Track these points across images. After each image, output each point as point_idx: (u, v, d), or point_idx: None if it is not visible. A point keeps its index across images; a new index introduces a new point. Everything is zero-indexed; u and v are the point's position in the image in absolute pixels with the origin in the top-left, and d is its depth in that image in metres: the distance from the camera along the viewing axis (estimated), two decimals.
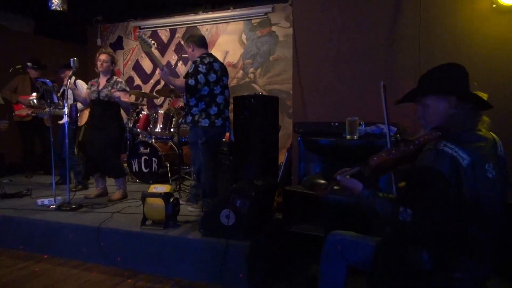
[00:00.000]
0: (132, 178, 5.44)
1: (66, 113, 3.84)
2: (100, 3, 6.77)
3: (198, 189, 3.61)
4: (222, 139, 3.83)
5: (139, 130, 5.46)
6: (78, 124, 4.98)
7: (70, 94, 4.20)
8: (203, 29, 6.90)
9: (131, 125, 5.46)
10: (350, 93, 3.63)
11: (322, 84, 3.79)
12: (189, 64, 3.93)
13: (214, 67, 3.40)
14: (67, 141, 4.01)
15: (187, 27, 7.01)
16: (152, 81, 7.25)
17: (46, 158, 5.32)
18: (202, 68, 3.34)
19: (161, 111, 5.41)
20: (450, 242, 1.43)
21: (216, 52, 6.69)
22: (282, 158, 4.45)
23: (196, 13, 6.85)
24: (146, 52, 3.86)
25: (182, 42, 6.92)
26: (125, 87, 4.13)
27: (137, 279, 2.82)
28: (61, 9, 5.71)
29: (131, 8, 7.04)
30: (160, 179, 5.20)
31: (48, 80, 4.04)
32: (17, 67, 5.42)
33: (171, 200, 3.05)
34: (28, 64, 5.43)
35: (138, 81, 7.42)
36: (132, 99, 6.33)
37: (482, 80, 3.04)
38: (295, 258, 3.08)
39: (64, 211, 3.63)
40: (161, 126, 5.30)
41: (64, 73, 5.05)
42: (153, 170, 5.25)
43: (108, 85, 4.04)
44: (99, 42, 7.45)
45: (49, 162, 4.15)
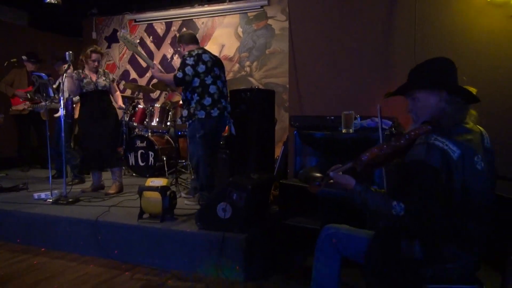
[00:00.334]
0: (129, 172, 5.45)
1: (62, 107, 3.83)
2: None
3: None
4: (222, 132, 3.81)
5: (136, 124, 5.45)
6: (74, 118, 4.97)
7: (66, 86, 4.18)
8: (199, 22, 6.86)
9: (128, 119, 5.45)
10: (346, 87, 3.65)
11: (318, 78, 3.80)
12: None
13: (203, 58, 3.43)
14: (63, 135, 4.00)
15: (183, 20, 6.96)
16: (148, 75, 7.20)
17: (42, 152, 5.32)
18: (190, 61, 3.38)
19: (158, 105, 5.41)
20: (442, 233, 1.46)
21: (212, 46, 6.69)
22: (279, 152, 4.47)
23: (192, 6, 6.80)
24: (133, 52, 3.85)
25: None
26: (114, 77, 4.49)
27: (135, 272, 2.84)
28: (56, 2, 5.67)
29: (127, 1, 6.97)
30: (157, 173, 5.21)
31: (44, 74, 4.03)
32: (12, 61, 5.39)
33: (168, 194, 3.07)
34: (23, 58, 5.40)
35: (134, 75, 7.39)
36: (128, 93, 6.33)
37: (476, 73, 3.10)
38: (291, 251, 3.11)
39: (61, 205, 3.64)
40: (158, 120, 5.30)
41: (59, 68, 5.04)
42: (150, 164, 5.26)
43: (101, 76, 4.18)
44: (94, 35, 7.38)
45: (45, 156, 4.15)
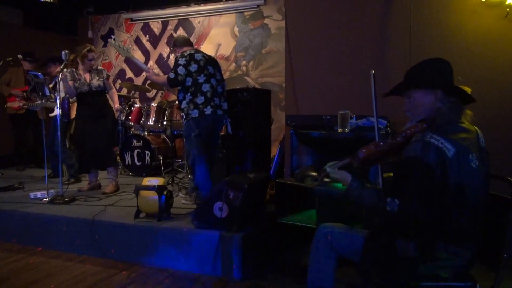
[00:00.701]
0: (125, 171, 5.44)
1: (58, 106, 3.82)
2: None
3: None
4: (219, 131, 3.77)
5: (132, 123, 5.44)
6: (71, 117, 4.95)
7: (62, 87, 4.17)
8: (195, 22, 6.86)
9: (124, 118, 5.44)
10: (342, 86, 3.66)
11: (314, 78, 3.82)
12: None
13: (195, 57, 3.46)
14: (59, 134, 3.99)
15: (179, 19, 6.96)
16: (144, 74, 7.19)
17: (38, 151, 5.30)
18: (182, 61, 3.42)
19: (154, 104, 5.40)
20: (436, 230, 1.48)
21: (209, 45, 6.70)
22: (275, 151, 4.48)
23: (188, 5, 6.80)
24: (126, 57, 3.87)
25: (175, 35, 6.89)
26: (108, 73, 4.31)
27: (131, 271, 2.85)
28: (51, 1, 5.65)
29: (123, 0, 6.97)
30: (153, 172, 5.21)
31: (40, 73, 4.01)
32: (8, 60, 5.35)
33: (165, 193, 3.07)
34: (19, 56, 5.37)
35: (130, 74, 7.37)
36: (124, 92, 6.32)
37: (470, 73, 3.13)
38: (287, 249, 3.13)
39: (57, 204, 3.63)
40: (154, 119, 5.29)
41: (51, 68, 5.01)
42: (146, 163, 5.26)
43: (95, 75, 4.10)
44: (90, 34, 7.35)
45: (41, 155, 4.14)
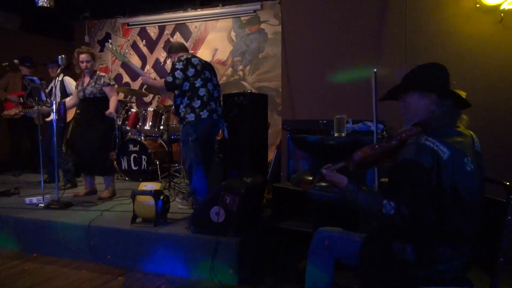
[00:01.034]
0: (121, 176, 5.42)
1: (54, 111, 3.81)
2: None
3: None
4: (215, 135, 3.82)
5: (128, 128, 5.43)
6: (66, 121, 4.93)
7: (58, 92, 4.16)
8: (192, 26, 6.88)
9: (120, 123, 5.43)
10: (338, 91, 3.68)
11: (311, 82, 3.83)
12: None
13: (192, 62, 3.48)
14: (55, 139, 3.98)
15: (176, 24, 6.98)
16: (141, 78, 7.20)
17: (34, 156, 5.27)
18: (179, 65, 3.44)
19: (151, 109, 5.39)
20: (432, 234, 1.48)
21: (205, 50, 6.72)
22: (272, 155, 4.49)
23: (185, 10, 6.83)
24: (123, 62, 3.85)
25: (171, 40, 6.90)
26: (109, 81, 4.04)
27: (128, 277, 2.83)
28: (48, 6, 5.64)
29: (119, 5, 6.98)
30: (150, 177, 5.19)
31: (36, 78, 4.00)
32: (4, 65, 5.34)
33: (161, 198, 3.07)
34: (15, 61, 5.36)
35: (127, 78, 7.37)
36: (121, 97, 6.31)
37: (465, 77, 3.15)
38: (284, 254, 3.13)
39: (53, 210, 3.61)
40: (151, 124, 5.28)
41: (52, 70, 5.00)
42: (143, 168, 5.25)
43: (92, 81, 3.98)
44: (87, 39, 7.36)
45: (37, 160, 4.11)
